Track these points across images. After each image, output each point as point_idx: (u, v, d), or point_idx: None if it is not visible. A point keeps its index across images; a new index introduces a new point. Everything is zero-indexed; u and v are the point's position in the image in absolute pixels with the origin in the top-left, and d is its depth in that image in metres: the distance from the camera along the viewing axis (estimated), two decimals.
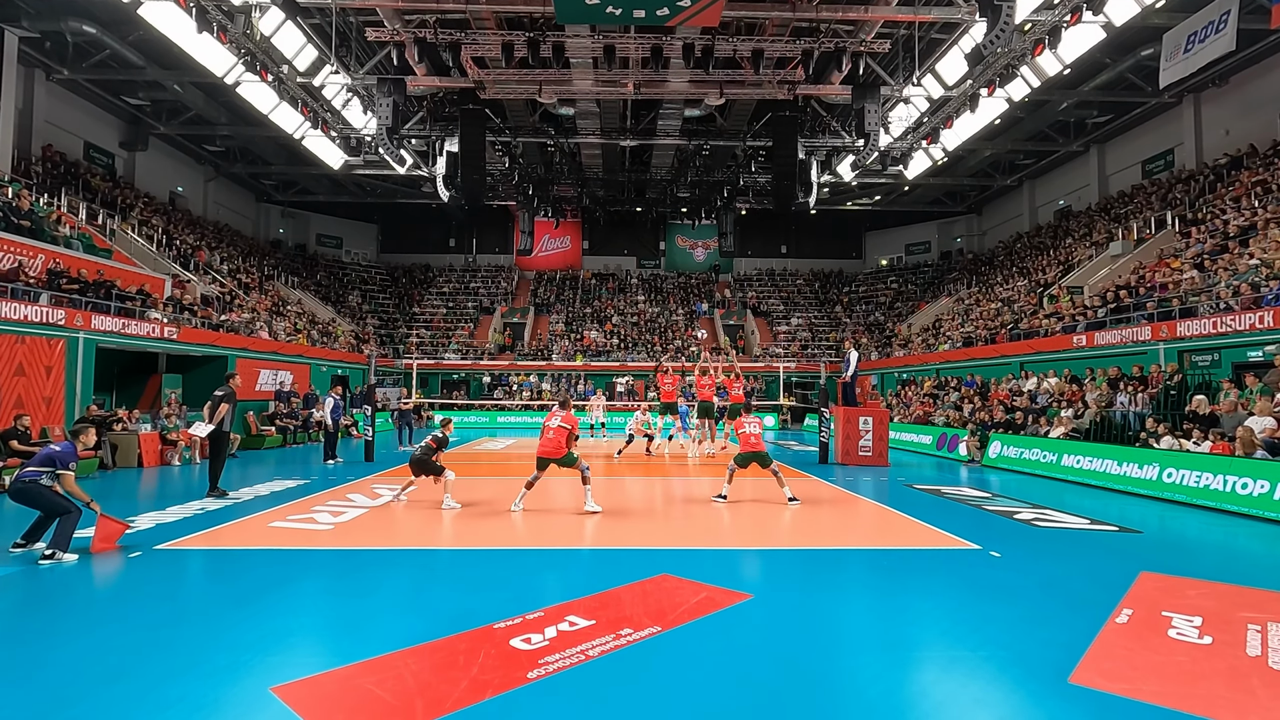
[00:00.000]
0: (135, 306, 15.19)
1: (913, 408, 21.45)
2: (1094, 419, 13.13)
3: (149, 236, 21.10)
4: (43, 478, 5.99)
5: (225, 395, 9.36)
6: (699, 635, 4.27)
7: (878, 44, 16.30)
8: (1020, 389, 16.94)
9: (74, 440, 6.38)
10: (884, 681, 3.66)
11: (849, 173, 24.39)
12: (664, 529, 7.73)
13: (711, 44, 15.76)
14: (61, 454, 6.10)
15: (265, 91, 18.57)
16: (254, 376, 19.31)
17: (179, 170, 28.26)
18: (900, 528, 7.76)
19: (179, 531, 7.04)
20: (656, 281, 39.55)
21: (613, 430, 23.01)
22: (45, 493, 5.99)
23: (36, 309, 12.29)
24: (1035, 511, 8.81)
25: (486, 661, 3.79)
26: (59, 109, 21.79)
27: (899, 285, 36.87)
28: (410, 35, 15.60)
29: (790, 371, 30.11)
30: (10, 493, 6.07)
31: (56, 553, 5.87)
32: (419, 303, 36.39)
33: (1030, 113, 23.77)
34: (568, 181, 27.83)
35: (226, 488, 9.63)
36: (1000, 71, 16.64)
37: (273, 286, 27.72)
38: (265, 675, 3.60)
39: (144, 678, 3.57)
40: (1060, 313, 18.76)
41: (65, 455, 6.11)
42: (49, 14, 17.89)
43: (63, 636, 4.20)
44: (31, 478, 5.98)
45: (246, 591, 5.13)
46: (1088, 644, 4.12)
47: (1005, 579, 5.58)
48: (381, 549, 6.56)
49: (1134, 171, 25.20)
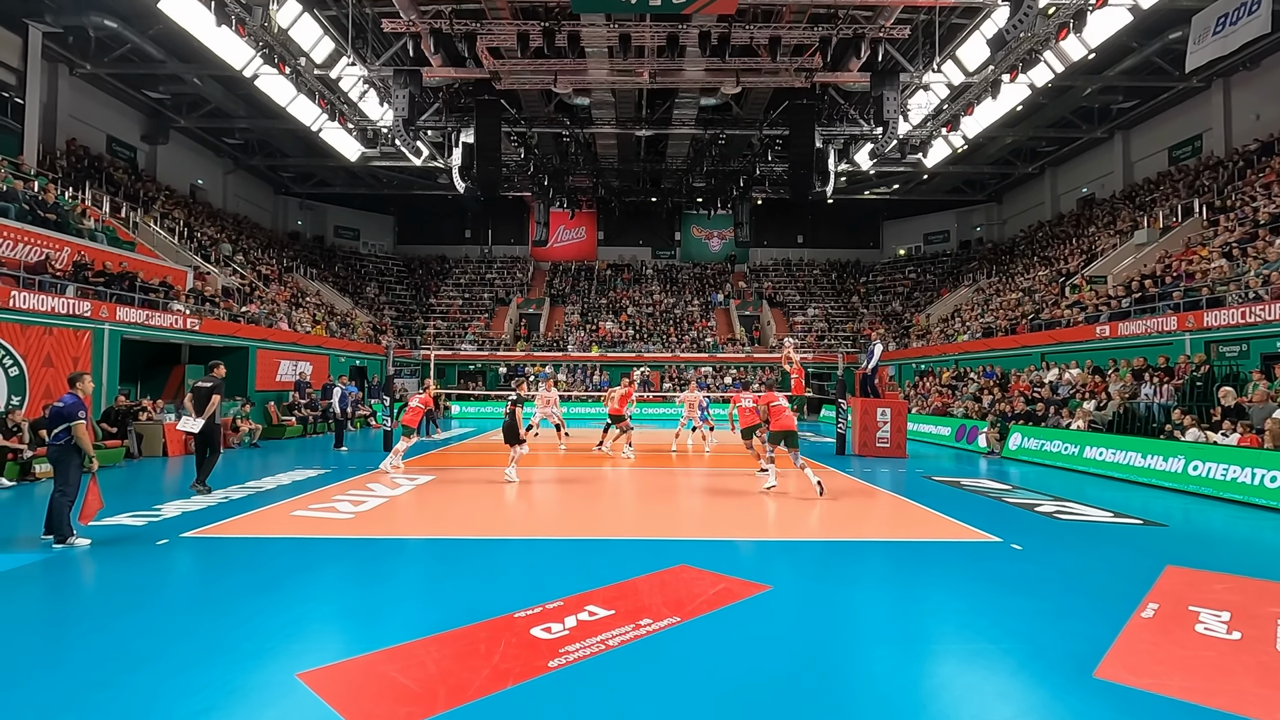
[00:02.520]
0: (158, 298, 15.41)
1: (931, 399, 21.25)
2: (1117, 411, 12.92)
3: (170, 229, 21.36)
4: (63, 438, 6.08)
5: (214, 386, 8.71)
6: (718, 626, 4.28)
7: (897, 30, 16.04)
8: (1041, 380, 16.71)
9: (73, 391, 6.34)
10: (904, 674, 3.64)
11: (867, 161, 24.07)
12: (682, 519, 7.74)
13: (728, 31, 15.60)
14: (68, 407, 6.12)
15: (283, 84, 18.66)
16: (274, 367, 19.55)
17: (199, 163, 28.56)
18: (919, 520, 7.71)
19: (204, 520, 7.16)
20: (672, 272, 39.45)
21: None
22: (71, 460, 6.10)
23: (63, 301, 12.51)
24: (1057, 504, 8.70)
25: (507, 650, 3.82)
26: (82, 103, 22.07)
27: (917, 275, 36.47)
28: (426, 26, 15.59)
29: (807, 362, 29.93)
30: (49, 459, 6.26)
31: (69, 539, 6.02)
32: (435, 294, 36.59)
33: (1053, 99, 23.31)
34: (583, 172, 27.77)
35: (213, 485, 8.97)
36: (1023, 57, 16.30)
37: (291, 278, 27.99)
38: (291, 661, 3.66)
39: (173, 662, 3.64)
40: (1083, 302, 18.45)
41: (72, 406, 6.13)
42: (72, 9, 18.09)
43: (94, 622, 4.30)
44: (57, 441, 6.09)
45: (270, 579, 5.21)
46: (1112, 638, 4.08)
47: (1027, 572, 5.53)
48: (401, 538, 6.64)
49: (1160, 158, 24.66)
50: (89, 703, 3.19)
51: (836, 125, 21.60)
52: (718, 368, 31.00)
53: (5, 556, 5.72)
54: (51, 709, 3.13)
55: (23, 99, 18.45)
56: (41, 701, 3.20)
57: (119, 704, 3.18)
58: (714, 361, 31.22)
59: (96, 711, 3.11)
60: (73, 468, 6.10)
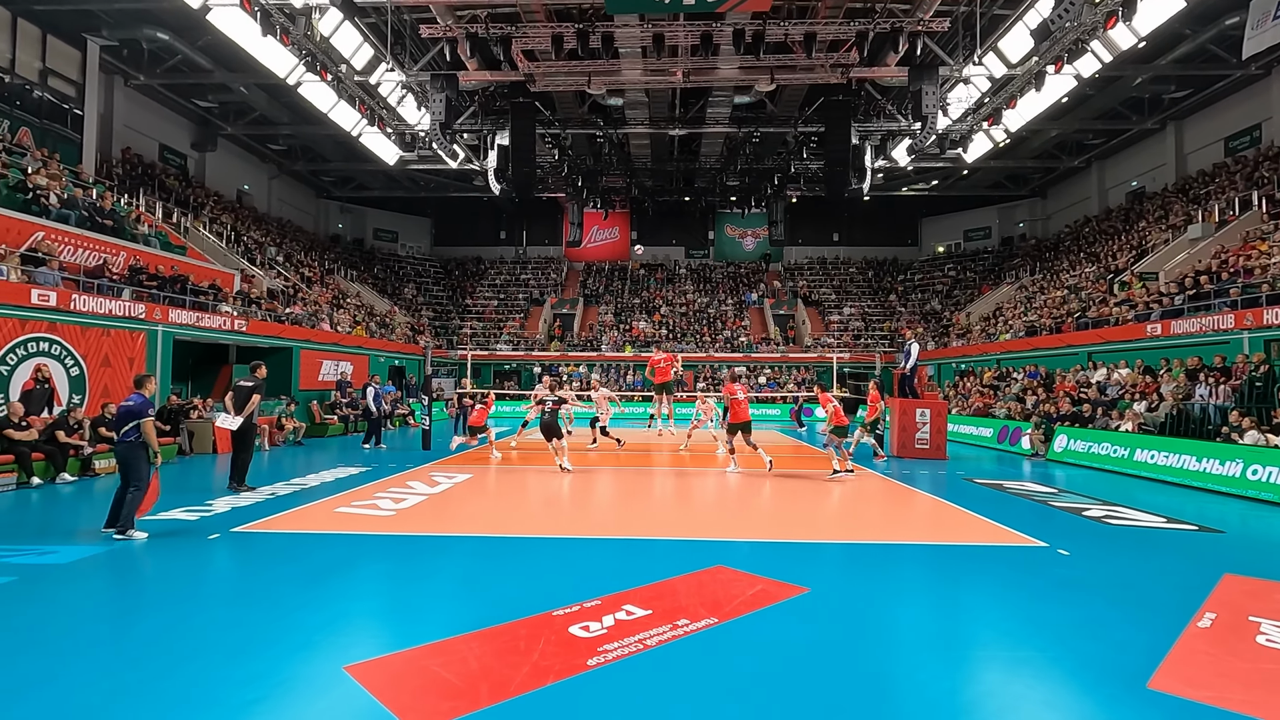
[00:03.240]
0: (208, 300, 15.95)
1: (971, 399, 20.78)
2: (1170, 412, 12.46)
3: (218, 233, 22.09)
4: (132, 435, 6.35)
5: (255, 386, 8.88)
6: (756, 628, 4.26)
7: (936, 23, 15.71)
8: (1088, 380, 16.20)
9: (140, 391, 6.61)
10: (946, 680, 3.58)
11: (904, 157, 23.64)
12: (717, 520, 7.71)
13: (762, 29, 15.47)
14: (138, 405, 6.42)
15: (324, 91, 19.13)
16: (317, 367, 20.07)
17: (245, 169, 29.47)
18: (960, 523, 7.55)
19: (252, 515, 7.39)
20: (705, 271, 39.30)
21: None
22: (141, 456, 6.37)
23: (120, 304, 13.04)
24: (1106, 508, 8.43)
25: (546, 648, 3.86)
26: (136, 113, 22.97)
27: (957, 273, 35.67)
28: (462, 30, 15.83)
29: (844, 362, 29.55)
30: (116, 456, 6.55)
31: (129, 532, 6.28)
32: (471, 294, 37.11)
33: (1100, 89, 22.55)
34: (616, 172, 27.85)
35: (255, 483, 9.14)
36: (1069, 47, 15.80)
37: (333, 280, 28.70)
38: (337, 654, 3.76)
39: (227, 652, 3.77)
40: (1133, 300, 17.82)
41: (143, 405, 6.43)
42: (127, 23, 18.85)
43: (147, 612, 4.48)
44: (127, 438, 6.35)
45: (316, 573, 5.36)
46: (1167, 648, 3.94)
47: (1074, 578, 5.37)
48: (441, 535, 6.75)
49: (1215, 149, 23.67)
50: (153, 690, 3.32)
51: (873, 121, 21.26)
52: (751, 367, 30.78)
53: (71, 548, 5.99)
54: (120, 693, 3.28)
55: (81, 110, 19.28)
56: (108, 686, 3.35)
57: (180, 692, 3.31)
58: (748, 361, 31.01)
59: (160, 699, 3.24)
60: (143, 464, 6.37)
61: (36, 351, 11.22)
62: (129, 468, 6.38)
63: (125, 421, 6.38)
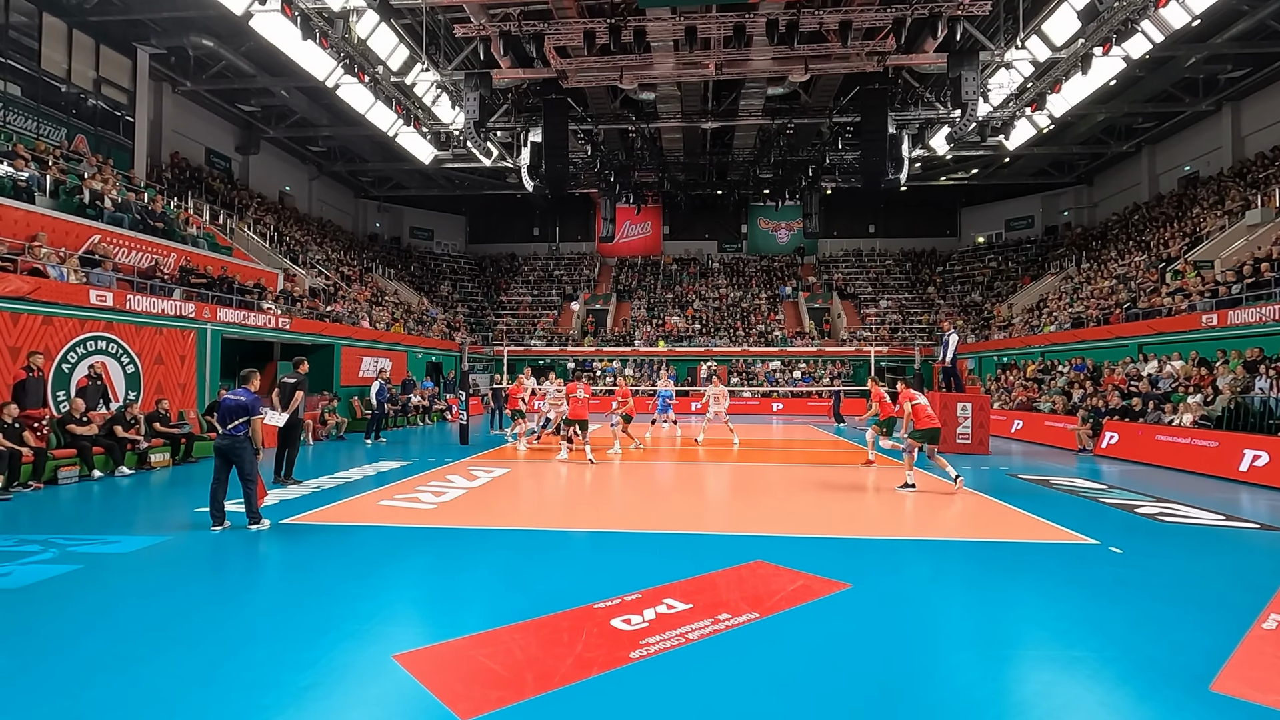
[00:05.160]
0: (253, 299, 16.42)
1: (1014, 393, 20.26)
2: (1227, 405, 11.96)
3: (262, 234, 22.72)
4: (241, 430, 6.50)
5: (298, 382, 9.13)
6: (798, 623, 4.23)
7: (976, 6, 15.26)
8: (1139, 373, 15.65)
9: (247, 387, 6.83)
10: (997, 679, 3.50)
11: (943, 146, 23.08)
12: (756, 514, 7.67)
13: (796, 18, 15.24)
14: (250, 401, 6.57)
15: (362, 92, 19.51)
16: (357, 363, 20.52)
17: (286, 171, 30.24)
18: (1005, 519, 7.37)
19: (300, 508, 7.60)
20: (738, 265, 39.01)
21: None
22: (248, 449, 6.52)
23: (171, 303, 13.51)
24: (1160, 505, 8.15)
25: (589, 640, 3.89)
26: (183, 118, 23.74)
27: (998, 263, 34.75)
28: (495, 29, 15.96)
29: (880, 355, 29.08)
30: (217, 449, 6.58)
31: (261, 522, 6.54)
32: (505, 291, 37.50)
33: (1151, 71, 21.69)
34: (649, 167, 27.80)
35: (301, 477, 9.42)
36: (1117, 27, 15.23)
37: (371, 278, 29.28)
38: (386, 644, 3.85)
39: (283, 639, 3.89)
40: (1186, 289, 17.15)
41: (254, 402, 6.60)
42: (174, 31, 19.49)
43: (205, 600, 4.64)
44: (236, 433, 6.49)
45: (363, 564, 5.49)
46: (1230, 650, 3.80)
47: (1128, 577, 5.21)
48: (481, 528, 6.85)
49: (1275, 131, 22.55)
50: (215, 674, 3.46)
51: (911, 109, 20.80)
52: (786, 361, 30.50)
53: (132, 539, 6.24)
54: (187, 675, 3.41)
55: (133, 117, 19.99)
56: (178, 672, 3.49)
57: (243, 674, 3.44)
58: (783, 355, 30.73)
59: (224, 682, 3.36)
60: (249, 456, 6.53)
61: (95, 350, 11.69)
62: (240, 461, 6.48)
63: (234, 416, 6.49)
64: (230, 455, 6.49)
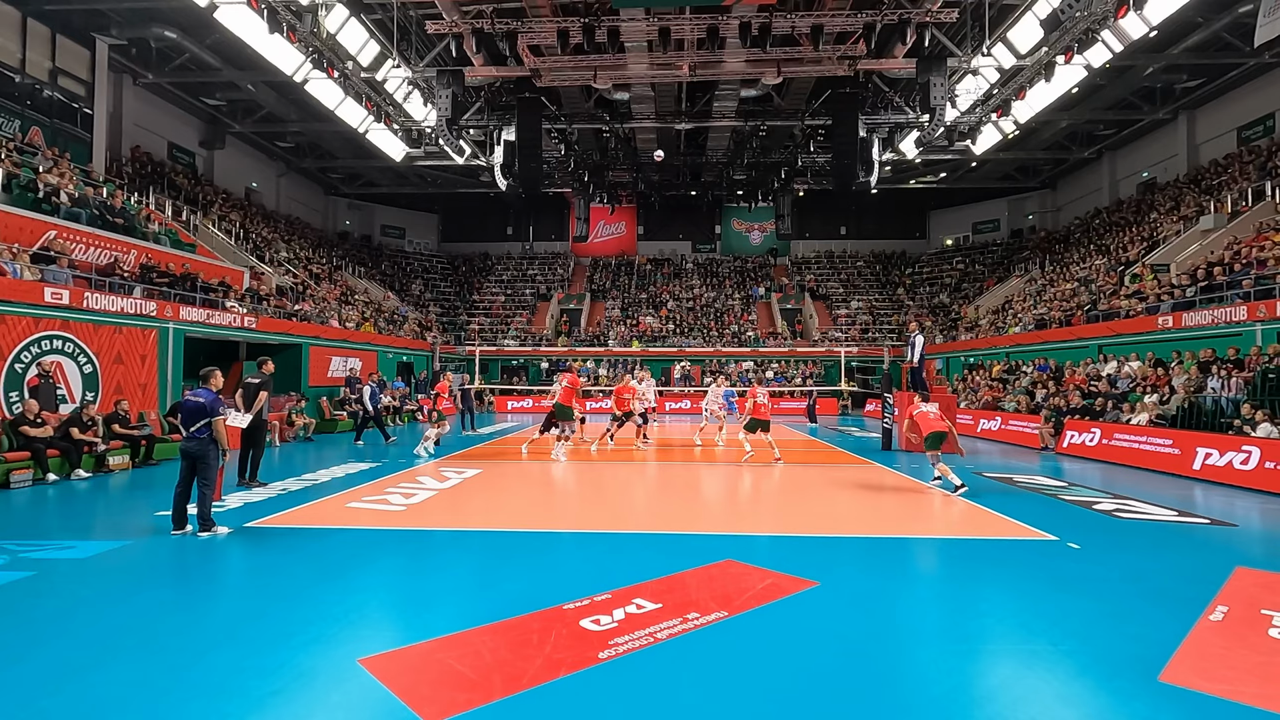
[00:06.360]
0: (218, 298, 16.06)
1: (980, 393, 20.69)
2: (1181, 405, 12.37)
3: (228, 231, 22.23)
4: (204, 433, 6.26)
5: (263, 383, 8.99)
6: (766, 621, 4.28)
7: (945, 13, 15.58)
8: (1099, 373, 16.10)
9: (207, 386, 6.56)
10: (959, 674, 3.58)
11: (913, 150, 23.51)
12: (727, 514, 7.73)
13: (769, 21, 15.40)
14: (210, 402, 6.35)
15: (331, 88, 19.20)
16: (326, 363, 20.17)
17: (253, 167, 29.61)
18: (970, 516, 7.54)
19: (265, 510, 7.46)
20: (712, 266, 39.22)
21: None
22: (212, 453, 6.30)
23: (132, 301, 13.14)
24: (1116, 502, 8.40)
25: (558, 641, 3.89)
26: (145, 112, 23.10)
27: (965, 265, 35.47)
28: (468, 26, 15.83)
29: (851, 356, 29.48)
30: (183, 452, 6.37)
31: (214, 528, 6.33)
32: (479, 290, 37.19)
33: (1112, 80, 22.34)
34: (623, 167, 27.83)
35: (267, 479, 9.22)
36: (1079, 36, 15.67)
37: (341, 276, 28.81)
38: (352, 647, 3.80)
39: (246, 645, 3.82)
40: (1144, 292, 17.70)
41: (214, 402, 6.39)
42: (135, 22, 18.95)
43: (165, 606, 4.53)
44: (201, 435, 6.27)
45: (329, 568, 5.41)
46: (1179, 641, 3.93)
47: (1086, 572, 5.36)
48: (452, 529, 6.79)
49: (1228, 139, 23.43)
50: (176, 682, 3.38)
51: (881, 113, 21.16)
52: (759, 362, 30.75)
53: (89, 544, 6.06)
54: (147, 683, 3.33)
55: (91, 109, 19.39)
56: (136, 678, 3.40)
57: (205, 682, 3.37)
58: (756, 356, 30.97)
59: (182, 690, 3.29)
60: (213, 460, 6.33)
61: (50, 349, 11.32)
62: (202, 464, 6.29)
63: (196, 418, 6.29)
64: (195, 458, 6.32)
